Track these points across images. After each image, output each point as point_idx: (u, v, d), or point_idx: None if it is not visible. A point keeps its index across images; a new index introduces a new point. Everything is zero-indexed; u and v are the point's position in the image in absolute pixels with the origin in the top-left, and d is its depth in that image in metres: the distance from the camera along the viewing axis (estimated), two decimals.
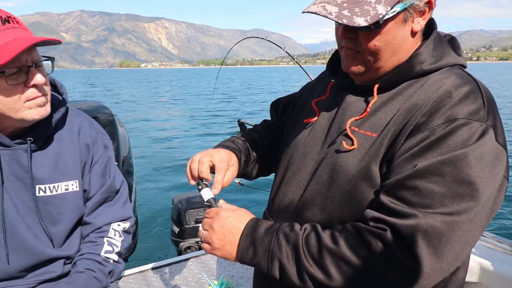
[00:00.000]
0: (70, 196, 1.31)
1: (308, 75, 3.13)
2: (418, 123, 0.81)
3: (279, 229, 0.89)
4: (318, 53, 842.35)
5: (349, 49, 0.90)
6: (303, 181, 0.98)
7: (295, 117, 1.14)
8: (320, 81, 1.17)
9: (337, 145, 0.92)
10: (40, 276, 1.30)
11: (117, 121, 3.06)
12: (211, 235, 0.92)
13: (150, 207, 6.74)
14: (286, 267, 0.85)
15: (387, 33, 0.84)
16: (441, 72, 0.88)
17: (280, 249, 0.85)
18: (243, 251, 0.90)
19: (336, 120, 0.97)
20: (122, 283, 2.13)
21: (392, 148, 0.83)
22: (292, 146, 1.06)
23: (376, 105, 0.90)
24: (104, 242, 1.36)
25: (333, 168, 0.91)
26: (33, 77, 1.14)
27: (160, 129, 15.86)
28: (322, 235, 0.84)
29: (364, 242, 0.79)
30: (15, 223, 1.24)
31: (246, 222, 0.92)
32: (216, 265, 2.32)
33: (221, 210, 0.95)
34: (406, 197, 0.78)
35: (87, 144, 1.36)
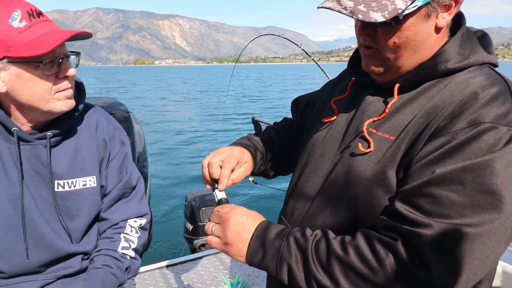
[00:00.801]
0: (88, 191, 1.31)
1: (325, 73, 3.09)
2: (439, 126, 0.76)
3: (289, 233, 0.86)
4: (332, 51, 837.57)
5: (368, 46, 0.85)
6: (319, 182, 0.95)
7: (315, 116, 1.11)
8: (342, 79, 1.13)
9: (353, 147, 0.88)
10: (59, 271, 1.31)
11: (132, 118, 3.07)
12: (225, 229, 0.89)
13: (163, 204, 6.78)
14: (295, 272, 0.82)
15: (408, 29, 0.79)
16: (468, 71, 0.82)
17: (290, 253, 0.83)
18: (252, 252, 0.87)
19: (354, 120, 0.93)
20: (138, 279, 2.13)
21: (410, 152, 0.78)
22: (310, 146, 1.03)
23: (395, 106, 0.85)
24: (121, 238, 1.36)
25: (348, 170, 0.87)
26: (66, 68, 1.18)
27: (174, 126, 15.95)
28: (332, 242, 0.81)
29: (374, 252, 0.76)
30: (34, 218, 1.24)
31: (258, 224, 0.90)
32: (232, 264, 2.31)
33: (238, 207, 0.93)
34: (422, 205, 0.73)
35: (104, 140, 1.36)
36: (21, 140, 1.22)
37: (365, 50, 0.87)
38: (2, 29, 1.08)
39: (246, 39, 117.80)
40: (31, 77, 1.13)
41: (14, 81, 1.13)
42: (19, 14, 1.10)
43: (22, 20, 1.10)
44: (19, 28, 1.09)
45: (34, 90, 1.15)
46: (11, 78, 1.12)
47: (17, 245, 1.24)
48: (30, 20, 1.11)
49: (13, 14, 1.09)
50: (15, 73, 1.12)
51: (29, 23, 1.10)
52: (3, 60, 1.10)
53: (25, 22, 1.10)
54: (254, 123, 3.45)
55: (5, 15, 1.08)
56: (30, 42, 1.09)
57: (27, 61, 1.11)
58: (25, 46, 1.08)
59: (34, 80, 1.13)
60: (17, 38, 1.08)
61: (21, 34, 1.09)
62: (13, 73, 1.12)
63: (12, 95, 1.16)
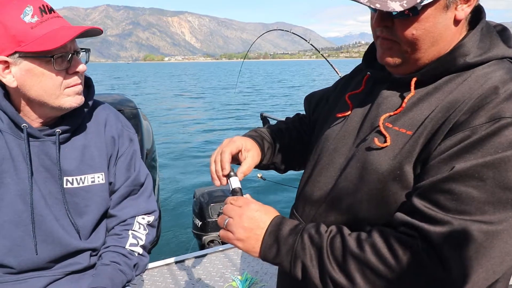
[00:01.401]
0: (96, 188, 1.31)
1: (334, 68, 3.06)
2: (458, 121, 0.74)
3: (304, 230, 0.85)
4: (342, 47, 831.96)
5: (385, 38, 0.83)
6: (332, 177, 0.94)
7: (328, 111, 1.09)
8: (355, 74, 1.12)
9: (369, 141, 0.86)
10: (67, 267, 1.32)
11: (141, 114, 3.07)
12: (238, 225, 0.88)
13: (171, 200, 6.82)
14: (309, 269, 0.81)
15: (426, 21, 0.77)
16: (487, 66, 0.80)
17: (304, 250, 0.82)
18: (266, 248, 0.87)
19: (369, 115, 0.91)
20: (147, 276, 2.14)
21: (428, 147, 0.77)
22: (323, 141, 1.02)
23: (412, 100, 0.83)
24: (129, 235, 1.36)
25: (363, 165, 0.85)
26: (76, 64, 1.18)
27: (182, 123, 16.00)
28: (348, 239, 0.80)
29: (391, 249, 0.74)
30: (43, 214, 1.25)
31: (271, 219, 0.89)
32: (240, 260, 2.31)
33: (251, 201, 0.92)
34: (441, 202, 0.72)
35: (113, 137, 1.36)
36: (30, 136, 1.22)
37: (382, 42, 0.85)
38: (14, 24, 1.09)
39: (255, 35, 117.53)
40: (42, 72, 1.13)
41: (25, 76, 1.14)
42: (31, 9, 1.10)
43: (34, 16, 1.10)
44: (30, 23, 1.09)
45: (44, 85, 1.15)
46: (22, 73, 1.13)
47: (26, 240, 1.24)
48: (42, 15, 1.12)
49: (25, 9, 1.10)
50: (26, 68, 1.13)
51: (41, 19, 1.11)
52: (14, 55, 1.11)
53: (37, 18, 1.11)
54: (262, 119, 3.45)
55: (17, 11, 1.09)
56: (42, 37, 1.10)
57: (38, 56, 1.12)
58: (36, 41, 1.09)
59: (45, 75, 1.14)
60: (29, 33, 1.09)
61: (33, 29, 1.09)
62: (24, 68, 1.13)
63: (23, 90, 1.16)
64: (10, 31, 1.08)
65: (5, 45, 1.10)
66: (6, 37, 1.09)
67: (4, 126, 1.21)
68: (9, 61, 1.12)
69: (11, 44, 1.09)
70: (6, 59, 1.11)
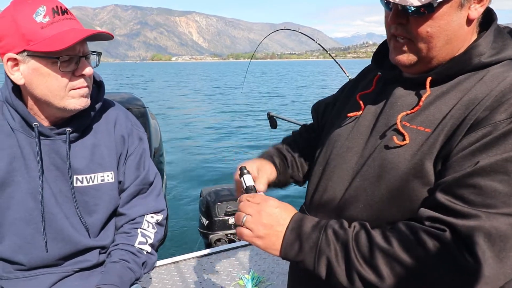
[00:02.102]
0: (106, 187, 1.33)
1: (342, 68, 3.06)
2: (478, 118, 0.76)
3: (327, 226, 0.84)
4: (349, 47, 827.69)
5: (399, 36, 0.84)
6: (346, 176, 0.94)
7: (337, 112, 1.10)
8: (363, 76, 1.12)
9: (387, 140, 0.87)
10: (76, 264, 1.33)
11: (149, 113, 3.09)
12: (257, 222, 0.86)
13: (178, 198, 6.84)
14: (334, 265, 0.80)
15: (441, 18, 0.79)
16: (501, 65, 0.82)
17: (329, 247, 0.81)
18: (287, 245, 0.85)
19: (383, 114, 0.92)
20: (154, 273, 2.16)
21: (449, 144, 0.78)
22: (334, 140, 1.02)
23: (429, 99, 0.84)
24: (138, 234, 1.37)
25: (382, 163, 0.86)
26: (83, 67, 1.19)
27: (190, 122, 16.05)
28: (373, 234, 0.79)
29: (420, 243, 0.74)
30: (53, 212, 1.27)
31: (292, 216, 0.87)
32: (247, 259, 2.31)
33: (269, 198, 0.90)
34: (467, 196, 0.73)
35: (122, 136, 1.37)
36: (41, 135, 1.24)
37: (395, 41, 0.86)
38: (25, 23, 1.11)
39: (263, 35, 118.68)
40: (48, 72, 1.15)
41: (32, 75, 1.16)
42: (44, 10, 1.12)
43: (46, 16, 1.12)
44: (41, 24, 1.11)
45: (49, 85, 1.17)
46: (29, 71, 1.15)
47: (37, 238, 1.26)
48: (54, 16, 1.14)
49: (38, 9, 1.12)
50: (33, 67, 1.15)
51: (52, 20, 1.13)
52: (23, 53, 1.13)
53: (48, 18, 1.12)
54: (269, 119, 3.45)
55: (30, 10, 1.12)
56: (50, 38, 1.11)
57: (45, 56, 1.13)
58: (44, 41, 1.11)
59: (50, 75, 1.15)
60: (39, 32, 1.11)
61: (43, 29, 1.11)
62: (32, 66, 1.15)
63: (29, 88, 1.18)
64: (21, 30, 1.11)
65: (16, 43, 1.12)
66: (17, 35, 1.11)
67: (15, 125, 1.23)
68: (18, 58, 1.14)
69: (21, 42, 1.11)
70: (15, 57, 1.14)
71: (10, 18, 1.12)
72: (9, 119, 1.24)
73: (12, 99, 1.20)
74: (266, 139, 11.66)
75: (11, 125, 1.23)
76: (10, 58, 1.14)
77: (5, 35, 1.13)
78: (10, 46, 1.13)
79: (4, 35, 1.13)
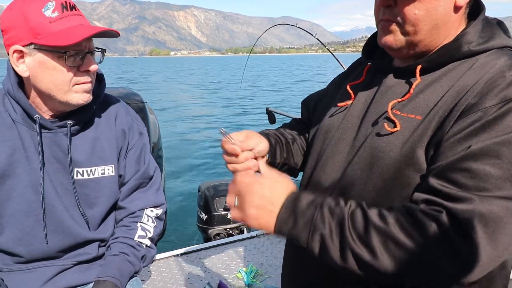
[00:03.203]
0: (106, 180, 1.34)
1: (340, 63, 3.06)
2: (469, 104, 0.77)
3: (323, 203, 0.82)
4: (348, 41, 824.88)
5: (387, 20, 0.86)
6: (339, 166, 0.94)
7: (327, 103, 1.09)
8: (354, 68, 1.13)
9: (378, 128, 0.88)
10: (76, 257, 1.34)
11: (147, 108, 3.09)
12: (249, 204, 0.84)
13: (177, 193, 6.86)
14: (328, 242, 0.79)
15: (428, 2, 0.80)
16: (489, 54, 0.83)
17: (323, 223, 0.79)
18: (281, 222, 0.83)
19: (373, 103, 0.93)
20: (153, 267, 2.17)
21: (440, 130, 0.79)
22: (325, 130, 1.02)
23: (419, 87, 0.85)
24: (138, 227, 1.38)
25: (373, 152, 0.86)
26: (88, 63, 1.21)
27: (188, 116, 16.03)
28: (369, 213, 0.78)
29: (417, 223, 0.74)
30: (54, 204, 1.27)
31: (287, 195, 0.84)
32: (245, 253, 2.33)
33: (261, 178, 0.86)
34: (460, 180, 0.73)
35: (123, 130, 1.38)
36: (42, 128, 1.25)
37: (384, 24, 0.87)
38: (34, 16, 1.12)
39: (261, 30, 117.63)
40: (54, 66, 1.16)
41: (37, 68, 1.17)
42: (53, 4, 1.14)
43: (55, 11, 1.14)
44: (50, 18, 1.13)
45: (54, 79, 1.18)
46: (35, 64, 1.17)
47: (37, 230, 1.27)
48: (63, 11, 1.15)
49: (47, 4, 1.14)
50: (39, 60, 1.16)
51: (61, 15, 1.15)
52: (30, 46, 1.15)
53: (57, 13, 1.14)
54: (268, 114, 3.44)
55: (40, 4, 1.13)
56: (58, 33, 1.13)
57: (52, 50, 1.15)
58: (52, 36, 1.13)
59: (56, 69, 1.17)
60: (47, 27, 1.13)
61: (51, 24, 1.13)
62: (38, 59, 1.16)
63: (33, 81, 1.19)
64: (29, 23, 1.12)
65: (23, 35, 1.14)
66: (25, 27, 1.13)
67: (17, 117, 1.24)
68: (24, 51, 1.15)
69: (28, 35, 1.13)
70: (21, 49, 1.15)
71: (19, 11, 1.13)
72: (10, 111, 1.24)
73: (15, 91, 1.21)
74: None
75: (13, 117, 1.24)
76: (16, 50, 1.15)
77: (13, 27, 1.14)
78: (17, 38, 1.14)
79: (11, 27, 1.15)
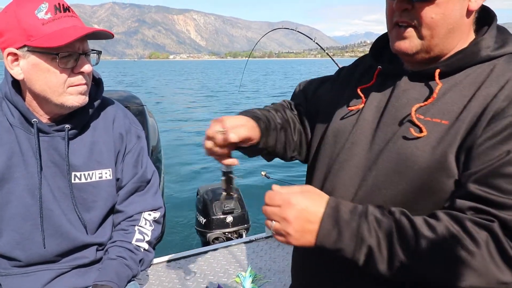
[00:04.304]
0: (103, 184, 1.33)
1: (339, 68, 3.06)
2: (499, 108, 0.76)
3: (368, 212, 0.79)
4: (347, 46, 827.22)
5: (403, 23, 0.84)
6: (357, 172, 0.91)
7: (332, 103, 1.07)
8: (359, 67, 1.10)
9: (401, 132, 0.85)
10: (74, 261, 1.33)
11: (146, 111, 3.09)
12: (286, 228, 0.81)
13: (175, 196, 6.84)
14: (376, 254, 0.77)
15: (445, 6, 0.80)
16: (504, 59, 0.84)
17: (371, 235, 0.77)
18: (324, 235, 0.80)
19: (389, 107, 0.91)
20: (151, 271, 2.16)
21: (471, 135, 0.78)
22: (335, 134, 1.00)
23: (441, 91, 0.84)
24: (135, 231, 1.38)
25: (399, 157, 0.84)
26: (82, 64, 1.21)
27: (187, 120, 16.03)
28: (416, 222, 0.76)
29: (468, 233, 0.72)
30: (51, 208, 1.27)
31: (325, 204, 0.81)
32: (244, 257, 2.32)
33: (291, 196, 0.82)
34: (504, 186, 0.72)
35: (121, 134, 1.38)
36: (40, 132, 1.24)
37: (398, 28, 0.86)
38: (27, 19, 1.13)
39: (261, 34, 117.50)
40: (47, 68, 1.17)
41: (31, 70, 1.17)
42: (46, 6, 1.15)
43: (48, 13, 1.14)
44: (43, 20, 1.13)
45: (48, 81, 1.18)
46: (28, 66, 1.17)
47: (35, 234, 1.27)
48: (56, 13, 1.16)
49: (40, 6, 1.14)
50: (33, 62, 1.16)
51: (54, 16, 1.15)
52: (23, 48, 1.15)
53: (50, 15, 1.14)
54: None
55: (33, 6, 1.14)
56: (50, 34, 1.13)
57: (45, 52, 1.15)
58: (44, 37, 1.13)
59: (49, 71, 1.17)
60: (39, 28, 1.13)
61: (44, 26, 1.13)
62: (32, 62, 1.16)
63: (28, 84, 1.20)
64: (22, 25, 1.12)
65: (17, 38, 1.14)
66: (18, 30, 1.13)
67: (15, 121, 1.24)
68: (18, 53, 1.16)
69: (21, 37, 1.13)
70: (15, 51, 1.16)
71: (12, 13, 1.14)
72: (8, 115, 1.24)
73: (12, 95, 1.21)
74: None
75: (10, 121, 1.24)
76: (10, 52, 1.16)
77: (7, 30, 1.15)
78: (11, 41, 1.15)
79: (6, 30, 1.15)
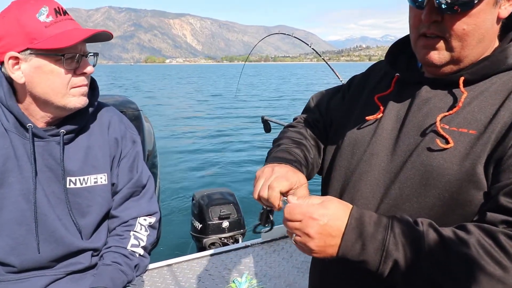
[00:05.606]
0: (99, 189, 1.33)
1: (336, 73, 3.08)
2: None
3: (393, 224, 0.76)
4: (342, 50, 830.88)
5: (433, 34, 0.81)
6: (377, 185, 0.88)
7: (348, 112, 1.05)
8: (372, 74, 1.08)
9: (426, 143, 0.83)
10: (68, 267, 1.33)
11: (142, 116, 3.08)
12: (307, 242, 0.79)
13: (171, 202, 6.82)
14: (401, 268, 0.74)
15: (477, 16, 0.77)
16: None
17: (397, 248, 0.74)
18: (347, 247, 0.77)
19: (410, 116, 0.88)
20: (147, 276, 2.15)
21: (501, 146, 0.75)
22: (353, 144, 0.97)
23: (466, 100, 0.81)
24: (131, 236, 1.37)
25: (426, 169, 0.81)
26: (84, 65, 1.23)
27: (183, 125, 16.01)
28: (445, 235, 0.73)
29: (501, 247, 0.70)
30: (46, 213, 1.26)
31: (349, 214, 0.78)
32: (240, 262, 2.31)
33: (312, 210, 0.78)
34: None
35: (116, 139, 1.38)
36: (35, 136, 1.24)
37: (426, 40, 0.83)
38: (29, 22, 1.14)
39: (257, 38, 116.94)
40: (51, 70, 1.18)
41: (33, 73, 1.17)
42: (46, 10, 1.16)
43: (49, 16, 1.16)
44: (45, 23, 1.15)
45: (52, 83, 1.19)
46: (31, 69, 1.17)
47: (29, 239, 1.26)
48: (56, 16, 1.17)
49: (41, 9, 1.15)
50: (36, 65, 1.17)
51: (55, 19, 1.16)
52: (26, 51, 1.15)
53: (51, 18, 1.16)
54: (263, 123, 3.45)
55: (33, 10, 1.15)
56: (55, 36, 1.15)
57: (50, 54, 1.16)
58: (49, 39, 1.14)
59: (53, 73, 1.18)
60: (43, 31, 1.14)
61: (47, 28, 1.15)
62: (34, 64, 1.17)
63: (29, 87, 1.20)
64: (25, 28, 1.13)
65: (18, 42, 1.14)
66: (20, 34, 1.14)
67: (9, 126, 1.23)
68: (19, 57, 1.16)
69: (24, 41, 1.14)
70: (17, 55, 1.16)
71: (12, 17, 1.14)
72: (2, 120, 1.24)
73: (7, 100, 1.21)
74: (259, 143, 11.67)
75: (5, 126, 1.24)
76: (11, 56, 1.16)
77: (7, 35, 1.15)
78: (12, 45, 1.15)
79: (6, 34, 1.15)
